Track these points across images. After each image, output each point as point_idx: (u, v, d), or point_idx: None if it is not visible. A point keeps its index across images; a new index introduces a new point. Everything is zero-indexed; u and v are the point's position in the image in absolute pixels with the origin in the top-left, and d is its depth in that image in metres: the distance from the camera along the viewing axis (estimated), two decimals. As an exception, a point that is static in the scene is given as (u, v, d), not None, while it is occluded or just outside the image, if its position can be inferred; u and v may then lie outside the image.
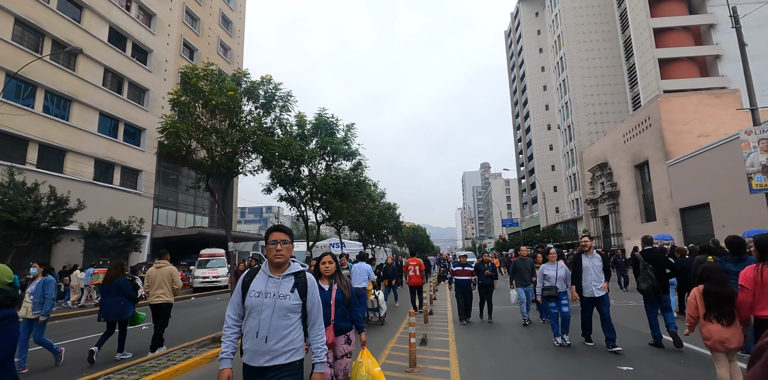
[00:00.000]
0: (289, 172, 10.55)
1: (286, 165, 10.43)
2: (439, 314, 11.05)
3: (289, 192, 11.29)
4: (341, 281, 3.89)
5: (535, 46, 67.94)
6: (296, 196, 11.37)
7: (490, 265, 9.68)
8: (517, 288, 8.98)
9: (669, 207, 25.56)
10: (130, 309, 6.90)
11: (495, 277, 9.56)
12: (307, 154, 10.10)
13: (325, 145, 10.64)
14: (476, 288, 9.54)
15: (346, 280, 4.01)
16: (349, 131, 11.45)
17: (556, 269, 7.27)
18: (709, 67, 37.76)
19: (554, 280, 7.17)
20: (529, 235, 56.16)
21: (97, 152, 26.17)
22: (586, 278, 6.57)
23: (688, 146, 25.01)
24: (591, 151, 38.43)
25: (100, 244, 22.42)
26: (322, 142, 10.80)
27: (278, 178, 10.49)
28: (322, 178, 10.57)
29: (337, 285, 3.87)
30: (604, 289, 6.51)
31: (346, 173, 11.14)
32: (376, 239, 21.92)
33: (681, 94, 27.69)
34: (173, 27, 33.69)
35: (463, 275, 9.34)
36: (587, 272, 6.57)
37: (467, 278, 9.31)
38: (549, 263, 7.39)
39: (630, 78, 42.29)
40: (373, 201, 16.91)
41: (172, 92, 8.51)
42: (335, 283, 3.87)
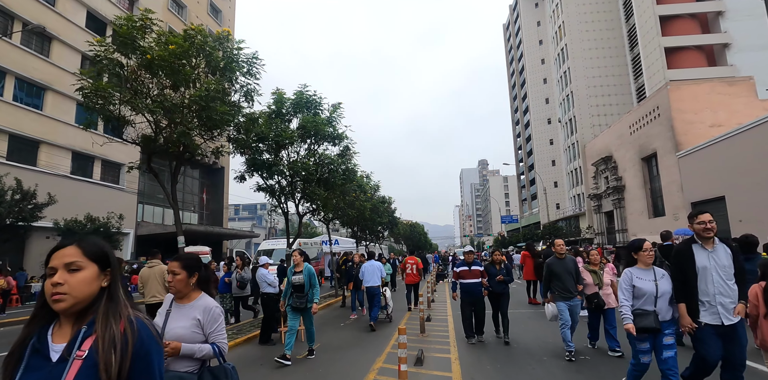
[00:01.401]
0: (265, 157, 9.13)
1: (262, 148, 9.01)
2: (438, 320, 9.68)
3: (267, 181, 9.89)
4: None
5: (534, 38, 66.50)
6: (275, 185, 9.97)
7: (503, 267, 7.49)
8: (556, 301, 6.22)
9: (680, 201, 24.25)
10: None
11: (510, 281, 7.45)
12: (284, 134, 8.65)
13: (306, 125, 9.19)
14: (486, 295, 7.44)
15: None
16: (335, 110, 10.01)
17: (655, 277, 4.00)
18: (716, 57, 36.47)
19: (652, 299, 3.93)
20: (530, 232, 54.93)
21: (75, 144, 24.66)
22: (707, 288, 3.74)
23: (700, 137, 23.68)
24: (594, 144, 37.10)
25: (75, 241, 20.95)
26: (302, 121, 9.35)
27: (252, 163, 9.05)
28: (303, 163, 9.14)
29: None
30: (738, 313, 3.70)
31: (331, 159, 9.68)
32: (371, 235, 20.52)
33: (692, 82, 26.33)
34: (157, 14, 32.06)
35: (471, 278, 7.28)
36: (706, 276, 3.76)
37: (476, 280, 7.27)
38: (640, 268, 4.12)
39: (634, 68, 40.95)
40: (365, 193, 15.48)
41: (92, 42, 7.10)
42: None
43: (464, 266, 7.42)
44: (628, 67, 42.05)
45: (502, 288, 7.30)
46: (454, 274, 7.52)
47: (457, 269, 7.49)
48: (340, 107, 10.09)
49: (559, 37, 49.00)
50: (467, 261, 7.48)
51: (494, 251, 7.92)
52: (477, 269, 7.36)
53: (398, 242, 50.63)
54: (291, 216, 11.57)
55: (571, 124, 45.73)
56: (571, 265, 6.29)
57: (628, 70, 42.16)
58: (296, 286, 6.13)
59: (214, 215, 40.00)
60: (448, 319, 9.61)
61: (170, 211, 34.63)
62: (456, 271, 7.49)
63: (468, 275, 7.32)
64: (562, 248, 6.46)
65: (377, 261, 10.34)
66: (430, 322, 9.06)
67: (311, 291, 6.14)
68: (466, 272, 7.35)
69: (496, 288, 7.28)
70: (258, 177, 9.85)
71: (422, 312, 8.32)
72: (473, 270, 7.34)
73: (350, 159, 10.29)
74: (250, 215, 75.04)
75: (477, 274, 7.32)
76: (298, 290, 6.12)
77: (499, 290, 7.28)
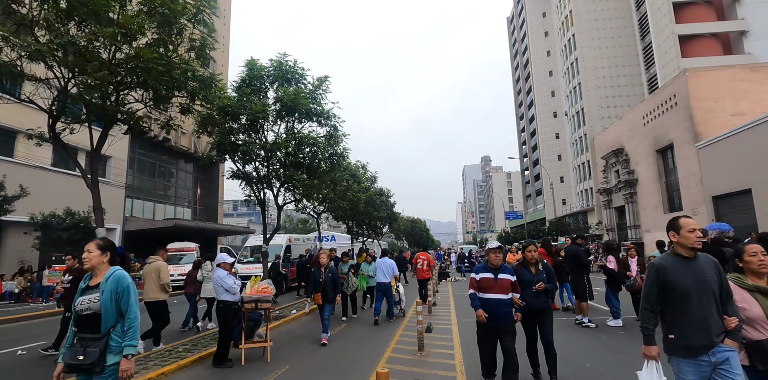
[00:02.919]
0: (239, 138, 7.68)
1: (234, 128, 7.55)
2: (440, 331, 8.25)
3: (242, 166, 8.44)
4: None
5: (540, 29, 64.73)
6: (252, 172, 8.54)
7: (541, 269, 5.19)
8: (673, 358, 2.86)
9: (699, 195, 22.71)
10: None
11: (555, 290, 5.19)
12: (254, 107, 7.18)
13: (283, 98, 7.71)
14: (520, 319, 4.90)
15: None
16: (321, 84, 8.53)
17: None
18: (733, 45, 34.79)
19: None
20: (535, 228, 53.40)
21: (57, 134, 23.26)
22: None
23: (721, 126, 22.10)
24: (604, 137, 35.49)
25: (53, 237, 19.65)
26: (279, 95, 7.87)
27: (219, 145, 7.58)
28: (279, 142, 7.67)
29: None
30: None
31: (314, 140, 8.17)
32: (369, 231, 19.06)
33: (712, 68, 24.71)
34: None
35: (497, 292, 4.71)
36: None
37: (503, 297, 4.70)
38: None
39: (646, 58, 39.26)
40: (359, 183, 13.96)
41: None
42: None
43: (487, 272, 4.81)
44: (639, 57, 40.34)
45: (543, 302, 4.93)
46: (473, 283, 4.87)
47: (477, 275, 4.87)
48: (327, 81, 8.62)
49: (566, 28, 47.30)
50: (492, 265, 4.82)
51: (527, 246, 5.28)
52: (506, 279, 4.76)
53: (399, 238, 49.25)
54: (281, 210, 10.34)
55: (578, 116, 44.11)
56: (711, 273, 2.86)
57: (639, 60, 40.46)
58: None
59: (208, 211, 38.72)
60: (452, 329, 8.18)
61: (161, 206, 33.36)
62: (475, 279, 4.85)
63: (492, 288, 4.70)
64: (696, 237, 2.88)
65: (390, 260, 10.42)
66: (431, 333, 7.66)
67: None
68: (490, 283, 4.73)
69: (534, 302, 4.89)
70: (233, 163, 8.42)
71: (420, 324, 6.49)
72: (501, 280, 4.72)
73: (338, 142, 8.77)
74: (248, 211, 73.89)
75: (506, 286, 4.72)
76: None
77: (538, 305, 4.90)
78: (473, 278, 4.91)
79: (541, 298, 4.98)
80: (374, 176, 16.67)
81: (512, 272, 4.89)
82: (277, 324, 8.92)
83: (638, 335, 3.03)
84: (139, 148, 30.66)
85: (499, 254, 4.86)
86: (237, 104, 7.22)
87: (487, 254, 4.93)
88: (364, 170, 15.86)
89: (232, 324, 5.65)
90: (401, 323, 9.13)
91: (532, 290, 4.96)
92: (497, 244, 4.96)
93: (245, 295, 5.63)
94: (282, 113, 7.95)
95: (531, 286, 4.97)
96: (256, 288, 5.72)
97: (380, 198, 16.26)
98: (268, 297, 5.73)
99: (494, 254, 4.86)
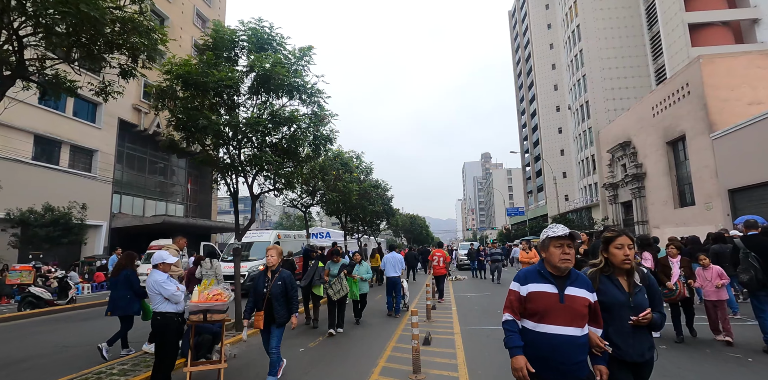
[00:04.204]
0: (199, 112, 6.42)
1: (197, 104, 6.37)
2: (441, 342, 7.09)
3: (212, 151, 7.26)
4: None
5: (542, 22, 63.34)
6: (223, 156, 7.36)
7: (639, 283, 2.72)
8: None
9: (713, 188, 21.54)
10: (136, 304, 6.42)
11: (661, 324, 2.74)
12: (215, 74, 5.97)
13: (254, 66, 6.49)
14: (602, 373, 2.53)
15: None
16: (304, 55, 7.32)
17: None
18: (744, 33, 33.52)
19: None
20: (537, 224, 52.25)
21: (37, 126, 22.15)
22: None
23: (737, 116, 20.92)
24: (610, 130, 34.27)
25: (30, 234, 18.54)
26: (250, 63, 6.65)
27: (176, 119, 6.35)
28: (248, 119, 6.44)
29: None
30: None
31: (292, 116, 6.92)
32: (364, 226, 17.89)
33: (727, 55, 23.50)
34: None
35: (562, 322, 2.44)
36: None
37: (577, 333, 2.44)
38: None
39: (653, 48, 37.98)
40: (350, 173, 12.75)
41: None
42: None
43: (544, 281, 2.55)
44: (646, 47, 39.06)
45: (646, 347, 2.67)
46: (512, 301, 2.63)
47: (524, 287, 2.60)
48: (311, 53, 7.41)
49: (570, 19, 45.98)
50: (555, 269, 2.55)
51: (614, 237, 2.72)
52: (581, 299, 2.48)
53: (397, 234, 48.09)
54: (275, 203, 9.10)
55: (582, 110, 42.85)
56: None
57: (646, 51, 39.18)
58: None
59: (201, 208, 37.55)
60: (455, 340, 6.99)
61: (151, 202, 32.17)
62: (518, 293, 2.61)
63: (553, 313, 2.46)
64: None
65: (398, 254, 10.79)
66: (429, 346, 6.45)
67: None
68: (550, 303, 2.48)
69: (631, 347, 2.63)
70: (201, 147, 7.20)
71: (415, 339, 5.08)
72: (572, 300, 2.47)
73: (324, 122, 7.55)
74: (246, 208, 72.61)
75: (579, 312, 2.46)
76: None
77: (636, 353, 2.63)
78: (514, 292, 2.61)
79: (643, 339, 2.64)
80: (369, 168, 15.46)
81: (590, 285, 2.55)
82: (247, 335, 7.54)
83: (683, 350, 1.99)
84: (128, 142, 29.48)
85: (569, 248, 2.49)
86: (196, 70, 6.02)
87: (544, 248, 2.59)
88: (359, 161, 14.68)
89: (175, 344, 4.47)
90: (395, 330, 7.98)
91: (625, 322, 2.61)
92: (565, 230, 2.52)
93: (191, 304, 4.46)
94: (255, 86, 6.75)
95: (623, 314, 2.62)
96: (206, 294, 4.52)
97: (375, 191, 15.07)
98: (221, 306, 4.49)
99: (560, 249, 2.49)
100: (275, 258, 4.82)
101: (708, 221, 21.42)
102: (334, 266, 8.30)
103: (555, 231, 2.54)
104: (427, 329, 7.62)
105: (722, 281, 6.28)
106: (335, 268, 8.24)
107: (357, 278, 8.55)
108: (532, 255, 11.50)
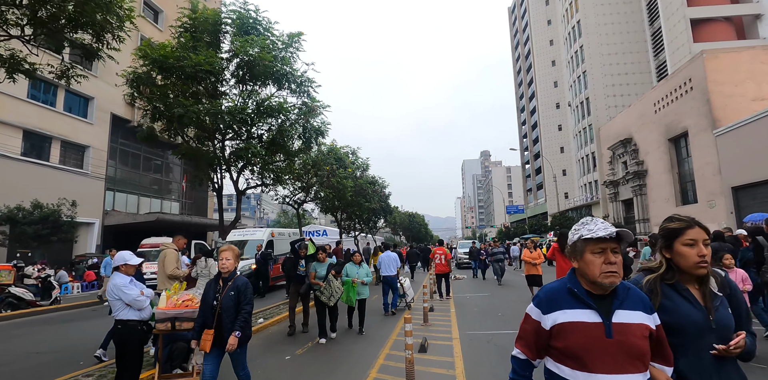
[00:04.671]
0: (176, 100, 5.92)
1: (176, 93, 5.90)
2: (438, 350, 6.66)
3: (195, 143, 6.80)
4: None
5: (543, 18, 62.82)
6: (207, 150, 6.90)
7: (717, 292, 1.83)
8: None
9: (716, 186, 21.15)
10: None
11: (752, 352, 1.80)
12: (193, 57, 5.50)
13: (236, 49, 6.01)
14: None
15: None
16: (293, 41, 6.84)
17: None
18: (746, 29, 33.09)
19: None
20: (537, 222, 51.89)
21: (26, 121, 21.65)
22: None
23: (741, 112, 20.53)
24: (611, 126, 33.87)
25: (17, 232, 18.07)
26: (232, 47, 6.16)
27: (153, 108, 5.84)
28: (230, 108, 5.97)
29: None
30: None
31: (279, 106, 6.45)
32: (361, 224, 17.44)
33: (730, 50, 23.07)
34: None
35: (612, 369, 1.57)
36: None
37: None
38: None
39: (655, 44, 37.53)
40: (345, 168, 12.24)
41: None
42: None
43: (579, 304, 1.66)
44: (648, 43, 38.60)
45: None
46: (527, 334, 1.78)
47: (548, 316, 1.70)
48: (300, 38, 6.94)
49: (570, 15, 45.48)
50: (599, 284, 1.64)
51: (687, 228, 1.85)
52: (639, 327, 1.61)
53: (396, 233, 47.65)
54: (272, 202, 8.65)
55: (583, 107, 42.41)
56: None
57: (647, 47, 38.72)
58: None
59: (197, 205, 37.06)
60: (453, 347, 6.53)
61: (145, 200, 31.66)
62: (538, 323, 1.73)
63: (595, 352, 1.59)
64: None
65: (394, 253, 10.55)
66: (425, 354, 5.95)
67: None
68: (592, 339, 1.59)
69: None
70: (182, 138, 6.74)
71: (409, 350, 4.63)
72: (624, 329, 1.59)
73: (313, 113, 7.05)
74: (244, 205, 72.25)
75: (637, 349, 1.59)
76: None
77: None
78: (532, 321, 1.76)
79: (732, 375, 1.77)
80: (366, 164, 14.96)
81: (647, 302, 1.70)
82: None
83: None
84: (121, 138, 28.93)
85: (615, 256, 1.65)
86: (172, 53, 5.52)
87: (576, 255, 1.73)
88: (355, 157, 14.18)
89: (138, 353, 4.00)
90: (390, 335, 7.54)
91: (705, 351, 1.75)
92: (608, 228, 1.65)
93: (157, 311, 4.03)
94: (238, 73, 6.28)
95: (701, 340, 1.76)
96: (175, 300, 4.07)
97: (372, 187, 14.58)
98: (191, 314, 4.01)
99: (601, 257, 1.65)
100: (231, 262, 3.87)
101: (711, 219, 21.03)
102: (320, 267, 7.50)
103: (592, 229, 1.67)
104: (423, 333, 7.19)
105: (746, 286, 5.44)
106: (322, 269, 7.45)
107: (356, 281, 7.68)
108: (535, 256, 10.91)
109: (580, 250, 1.71)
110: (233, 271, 3.89)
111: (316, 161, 11.23)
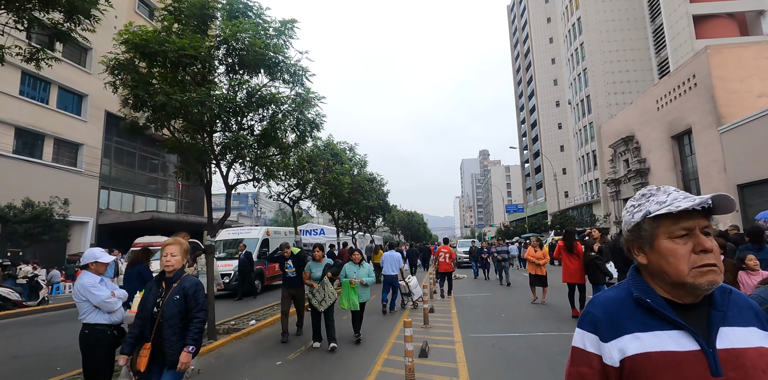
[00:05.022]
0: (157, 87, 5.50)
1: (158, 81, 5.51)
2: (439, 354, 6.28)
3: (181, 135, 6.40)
4: None
5: (542, 16, 62.44)
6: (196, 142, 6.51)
7: None
8: None
9: (721, 184, 20.80)
10: None
11: None
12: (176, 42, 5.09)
13: (223, 34, 5.61)
14: None
15: None
16: (285, 28, 6.45)
17: None
18: (750, 26, 32.76)
19: None
20: (537, 221, 51.57)
21: (18, 119, 21.24)
22: None
23: (746, 109, 20.17)
24: (612, 124, 33.51)
25: (9, 231, 17.70)
26: (220, 32, 5.76)
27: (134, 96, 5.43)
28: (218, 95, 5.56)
29: None
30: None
31: (271, 96, 6.05)
32: (359, 223, 17.08)
33: (736, 45, 22.73)
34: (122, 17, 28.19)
35: None
36: None
37: None
38: None
39: (656, 40, 37.18)
40: (342, 164, 11.83)
41: None
42: None
43: (654, 323, 1.06)
44: (649, 40, 38.25)
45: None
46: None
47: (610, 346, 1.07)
48: (293, 25, 6.56)
49: (570, 12, 45.08)
50: (690, 285, 1.04)
51: None
52: (757, 352, 1.03)
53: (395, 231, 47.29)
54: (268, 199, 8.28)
55: (583, 104, 42.04)
56: None
57: (648, 44, 38.36)
58: None
59: (194, 204, 36.65)
60: (456, 351, 6.16)
61: (141, 198, 31.23)
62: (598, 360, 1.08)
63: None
64: None
65: (397, 253, 10.43)
66: (426, 359, 5.52)
67: None
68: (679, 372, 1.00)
69: None
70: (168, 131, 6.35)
71: (410, 357, 4.29)
72: (742, 360, 1.01)
73: (306, 104, 6.64)
74: (241, 204, 71.91)
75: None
76: None
77: None
78: (588, 358, 1.11)
79: None
80: (364, 161, 14.58)
81: (761, 313, 1.11)
82: (218, 344, 6.58)
83: None
84: (116, 136, 28.49)
85: (709, 240, 1.05)
86: (154, 36, 5.13)
87: (643, 243, 1.13)
88: (352, 153, 13.80)
89: (106, 364, 3.57)
90: (388, 338, 7.15)
91: None
92: (690, 198, 1.06)
93: (129, 315, 3.65)
94: (227, 61, 5.89)
95: None
96: (148, 303, 3.74)
97: (369, 185, 14.20)
98: None
99: (686, 243, 1.06)
100: (177, 259, 3.15)
101: (717, 218, 20.71)
102: (315, 267, 6.81)
103: (665, 202, 1.09)
104: (424, 336, 6.81)
105: None
106: (317, 269, 6.76)
107: (355, 282, 6.88)
108: (540, 255, 10.44)
109: (649, 236, 1.11)
110: (180, 270, 3.20)
111: (312, 156, 10.87)
